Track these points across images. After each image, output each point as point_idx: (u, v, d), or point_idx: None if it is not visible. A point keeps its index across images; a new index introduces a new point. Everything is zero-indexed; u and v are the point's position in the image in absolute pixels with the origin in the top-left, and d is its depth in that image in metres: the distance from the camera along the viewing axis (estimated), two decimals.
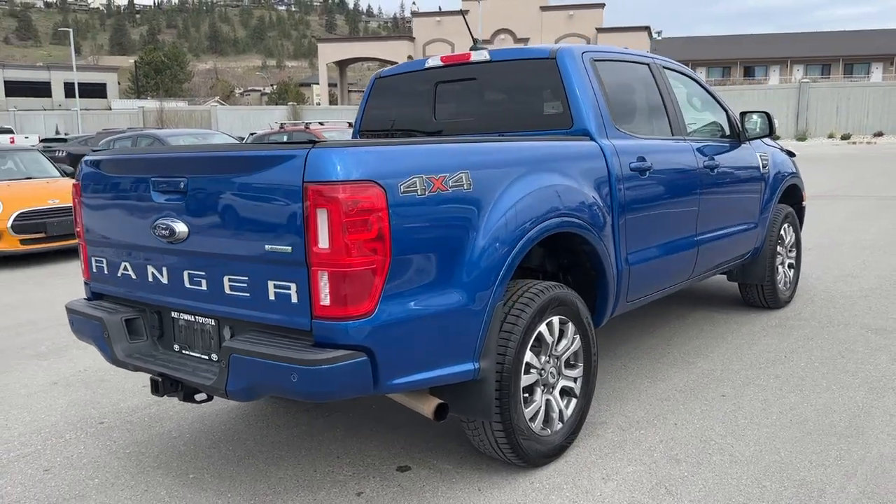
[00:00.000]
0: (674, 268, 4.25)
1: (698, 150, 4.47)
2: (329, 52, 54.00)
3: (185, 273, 2.89)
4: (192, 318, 2.97)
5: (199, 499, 3.06)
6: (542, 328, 3.17)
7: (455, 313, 2.75)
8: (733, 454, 3.33)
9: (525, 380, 3.10)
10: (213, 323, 2.90)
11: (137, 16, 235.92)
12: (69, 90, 71.57)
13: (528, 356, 3.10)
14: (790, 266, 5.84)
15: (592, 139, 3.65)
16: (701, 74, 45.93)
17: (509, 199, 2.96)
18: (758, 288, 5.52)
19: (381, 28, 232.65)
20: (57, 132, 44.51)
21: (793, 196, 5.85)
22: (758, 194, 5.22)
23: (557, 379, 3.33)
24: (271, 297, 2.59)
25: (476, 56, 4.06)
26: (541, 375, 3.22)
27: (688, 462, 3.27)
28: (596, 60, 3.88)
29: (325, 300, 2.44)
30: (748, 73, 64.13)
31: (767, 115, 5.03)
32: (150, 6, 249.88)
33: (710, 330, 5.28)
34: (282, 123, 21.86)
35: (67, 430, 3.83)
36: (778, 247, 5.53)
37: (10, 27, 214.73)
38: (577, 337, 3.39)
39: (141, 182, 2.98)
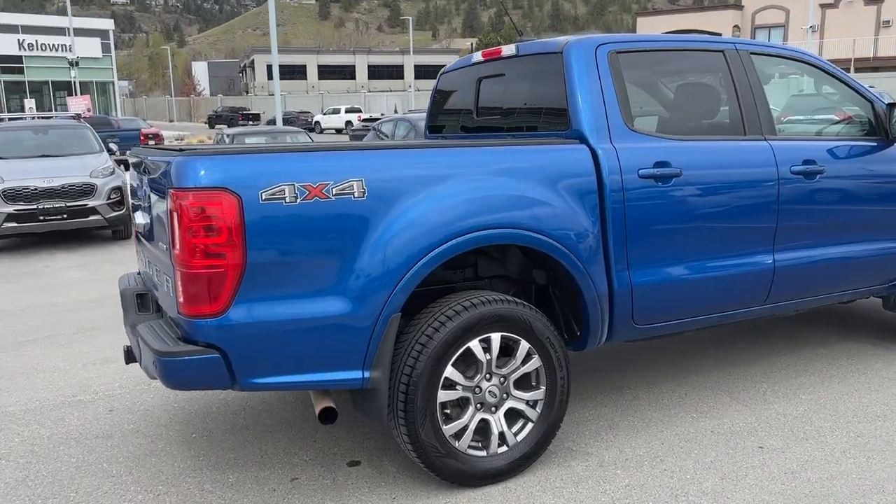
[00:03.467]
0: (725, 291, 3.64)
1: (786, 152, 3.73)
2: (648, 27, 52.22)
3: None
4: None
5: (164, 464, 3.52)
6: (474, 344, 3.01)
7: (334, 321, 2.77)
8: None
9: (445, 395, 3.00)
10: None
11: None
12: (419, 72, 79.57)
13: (450, 371, 2.98)
14: None
15: (585, 143, 3.29)
16: None
17: (416, 209, 2.85)
18: None
19: None
20: (395, 111, 49.73)
21: None
22: None
23: (502, 399, 3.14)
24: (169, 292, 2.88)
25: (506, 51, 3.86)
26: (474, 393, 3.07)
27: None
28: (620, 52, 3.46)
29: (181, 298, 2.66)
30: None
31: None
32: None
33: (818, 367, 4.39)
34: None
35: (130, 383, 4.53)
36: None
37: (383, 16, 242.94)
38: (536, 357, 3.15)
39: None
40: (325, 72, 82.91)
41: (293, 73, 77.30)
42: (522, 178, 3.11)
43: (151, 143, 31.65)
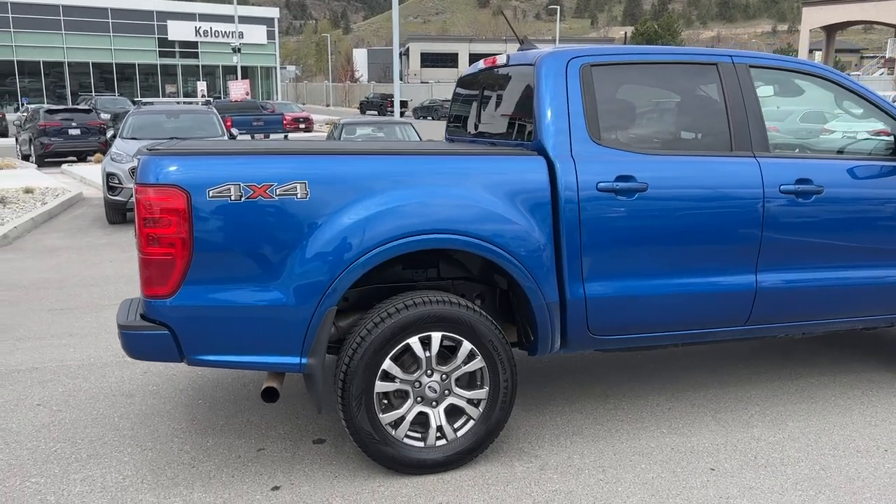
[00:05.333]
0: (693, 309, 3.58)
1: (777, 170, 3.60)
2: (815, 16, 48.59)
3: None
4: None
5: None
6: (413, 341, 3.21)
7: (274, 310, 3.06)
8: None
9: (383, 386, 3.21)
10: None
11: None
12: None
13: (388, 364, 3.20)
14: None
15: (545, 154, 3.37)
16: None
17: (356, 213, 3.07)
18: None
19: None
20: None
21: None
22: None
23: (444, 395, 3.31)
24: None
25: (500, 60, 3.97)
26: (414, 387, 3.27)
27: None
28: (594, 66, 3.48)
29: (140, 280, 3.04)
30: None
31: None
32: None
33: (826, 395, 4.17)
34: None
35: None
36: None
37: (542, 4, 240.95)
38: (480, 358, 3.29)
39: None
40: (477, 59, 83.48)
41: (445, 61, 78.64)
42: (470, 187, 3.24)
43: (302, 126, 33.64)
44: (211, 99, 24.12)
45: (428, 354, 3.24)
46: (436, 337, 3.23)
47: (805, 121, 8.71)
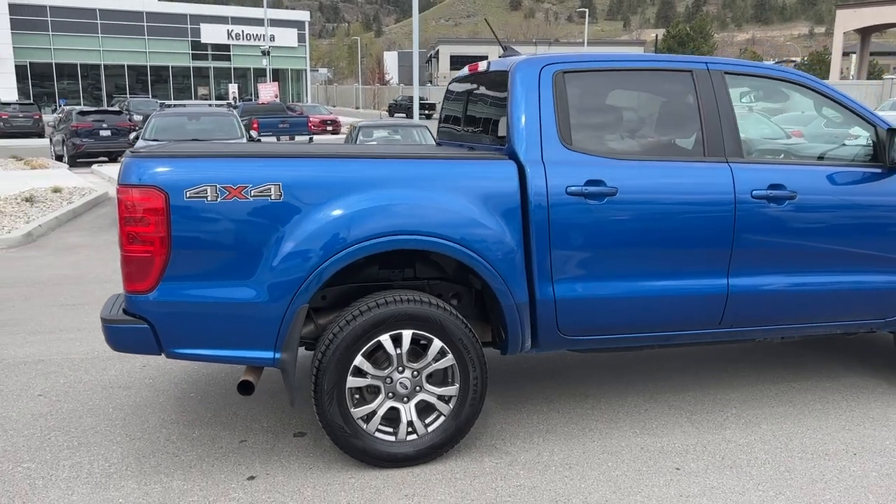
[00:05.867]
0: (664, 312, 3.64)
1: (749, 175, 3.64)
2: (849, 19, 47.75)
3: None
4: None
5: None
6: (384, 339, 3.32)
7: (248, 307, 3.19)
8: None
9: (354, 381, 3.33)
10: None
11: None
12: None
13: (359, 361, 3.31)
14: None
15: (516, 159, 3.46)
16: None
17: (328, 214, 3.19)
18: None
19: None
20: None
21: None
22: None
23: (414, 391, 3.42)
24: None
25: (481, 67, 4.07)
26: (385, 383, 3.38)
27: None
28: (566, 73, 3.57)
29: (122, 276, 3.19)
30: None
31: None
32: None
33: (806, 399, 4.19)
34: None
35: None
36: None
37: (574, 6, 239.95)
38: (450, 355, 3.39)
39: None
40: None
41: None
42: (440, 190, 3.35)
43: (329, 129, 33.97)
44: (232, 102, 24.41)
45: (399, 351, 3.35)
46: (406, 335, 3.34)
47: (829, 126, 8.60)
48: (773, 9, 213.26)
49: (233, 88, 46.18)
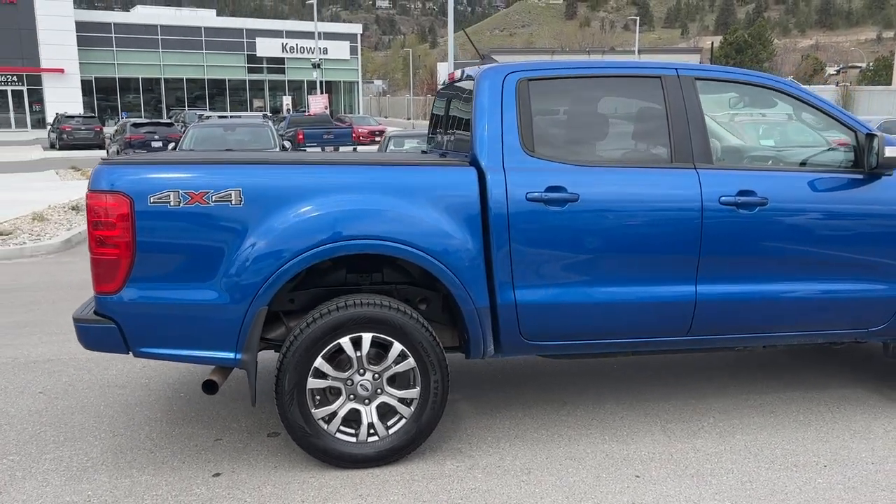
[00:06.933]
0: (629, 318, 3.61)
1: (718, 181, 3.60)
2: None
3: None
4: None
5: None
6: (344, 341, 3.39)
7: (209, 308, 3.31)
8: None
9: (315, 383, 3.41)
10: None
11: None
12: None
13: (319, 363, 3.39)
14: None
15: (477, 165, 3.50)
16: None
17: (287, 219, 3.28)
18: None
19: None
20: None
21: None
22: None
23: (376, 393, 3.48)
24: None
25: (457, 76, 4.13)
26: (346, 384, 3.45)
27: None
28: (531, 80, 3.60)
29: (92, 278, 3.34)
30: None
31: None
32: None
33: (790, 410, 4.09)
34: None
35: None
36: None
37: (630, 14, 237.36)
38: (411, 359, 3.45)
39: None
40: None
41: None
42: (399, 196, 3.41)
43: (377, 139, 34.40)
44: (268, 113, 25.06)
45: (359, 354, 3.42)
46: (366, 338, 3.40)
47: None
48: (838, 13, 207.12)
49: (287, 101, 47.20)
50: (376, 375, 3.47)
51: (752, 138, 5.05)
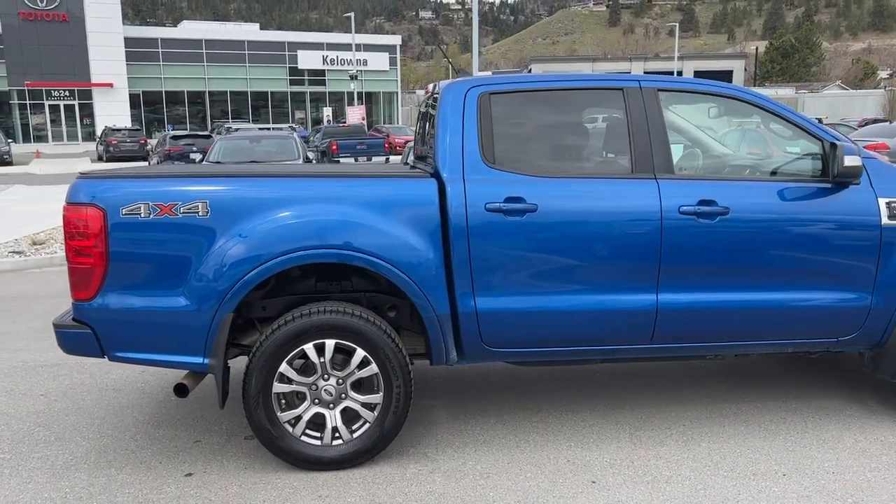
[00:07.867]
0: (590, 326, 3.66)
1: (677, 191, 3.64)
2: None
3: None
4: None
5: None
6: (308, 347, 3.52)
7: (178, 315, 3.46)
8: None
9: (280, 387, 3.54)
10: None
11: None
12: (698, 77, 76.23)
13: (284, 368, 3.53)
14: None
15: (438, 178, 3.61)
16: None
17: (251, 229, 3.43)
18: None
19: None
20: None
21: None
22: (871, 255, 3.75)
23: (340, 398, 3.59)
24: None
25: (431, 89, 4.24)
26: (311, 389, 3.57)
27: None
28: (492, 94, 3.69)
29: (69, 286, 3.53)
30: None
31: None
32: None
33: (762, 420, 4.07)
34: None
35: None
36: None
37: (676, 19, 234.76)
38: (373, 365, 3.56)
39: None
40: None
41: None
42: (362, 207, 3.53)
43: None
44: (295, 125, 25.51)
45: (322, 360, 3.54)
46: (329, 344, 3.53)
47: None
48: (891, 15, 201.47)
49: (327, 112, 47.95)
50: (340, 381, 3.58)
51: (734, 147, 5.04)
